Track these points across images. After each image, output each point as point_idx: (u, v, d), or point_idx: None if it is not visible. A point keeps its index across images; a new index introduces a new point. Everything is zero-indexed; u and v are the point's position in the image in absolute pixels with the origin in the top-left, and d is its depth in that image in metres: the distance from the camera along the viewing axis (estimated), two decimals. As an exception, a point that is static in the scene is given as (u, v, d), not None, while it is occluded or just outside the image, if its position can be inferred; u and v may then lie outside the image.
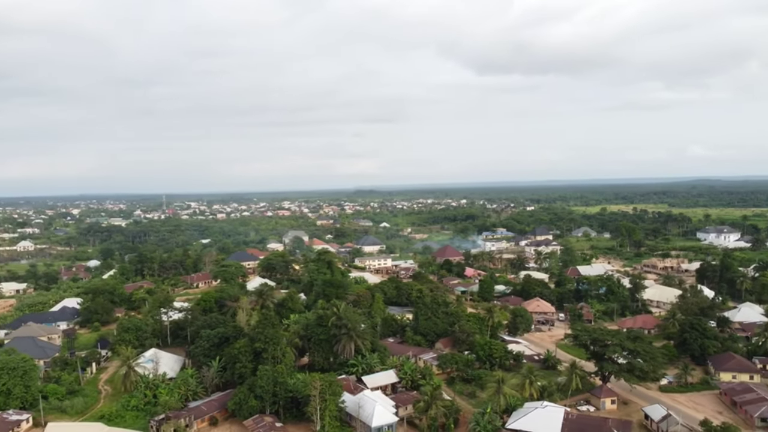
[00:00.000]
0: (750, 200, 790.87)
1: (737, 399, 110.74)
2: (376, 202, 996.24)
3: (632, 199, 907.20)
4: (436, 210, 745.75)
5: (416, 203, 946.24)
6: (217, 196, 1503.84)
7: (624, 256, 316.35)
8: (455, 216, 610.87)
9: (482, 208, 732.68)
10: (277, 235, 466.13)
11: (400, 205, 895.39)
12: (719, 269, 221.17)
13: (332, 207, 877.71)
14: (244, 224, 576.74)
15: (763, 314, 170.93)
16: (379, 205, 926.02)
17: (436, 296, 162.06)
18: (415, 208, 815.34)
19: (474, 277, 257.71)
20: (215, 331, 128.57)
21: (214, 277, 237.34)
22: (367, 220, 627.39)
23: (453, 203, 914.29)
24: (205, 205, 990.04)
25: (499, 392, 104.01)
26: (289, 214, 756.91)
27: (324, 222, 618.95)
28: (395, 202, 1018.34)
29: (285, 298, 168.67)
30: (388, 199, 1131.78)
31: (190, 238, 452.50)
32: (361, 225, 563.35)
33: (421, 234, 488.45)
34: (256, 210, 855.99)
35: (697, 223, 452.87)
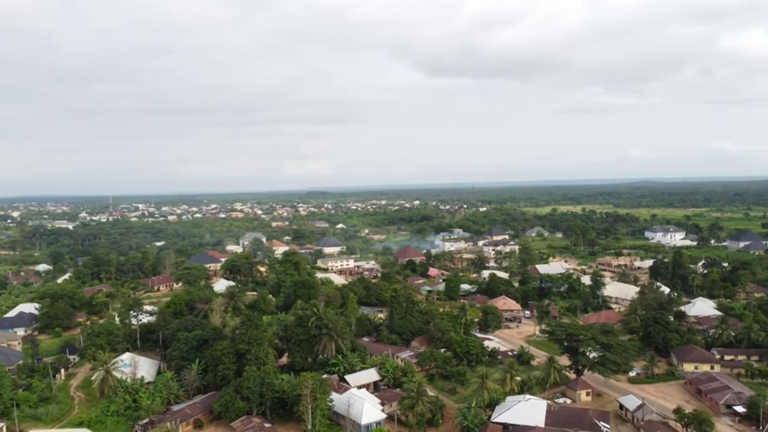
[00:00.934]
0: (689, 201, 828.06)
1: (702, 388, 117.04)
2: (329, 204, 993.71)
3: (579, 200, 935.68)
4: (390, 211, 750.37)
5: (370, 204, 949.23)
6: (166, 197, 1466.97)
7: (578, 255, 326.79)
8: (411, 217, 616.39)
9: (436, 209, 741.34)
10: (233, 237, 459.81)
11: (355, 207, 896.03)
12: (671, 266, 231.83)
13: (286, 208, 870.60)
14: (198, 226, 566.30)
15: (716, 308, 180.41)
16: (333, 206, 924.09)
17: (410, 295, 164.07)
18: (370, 210, 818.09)
19: (438, 277, 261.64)
20: (193, 333, 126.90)
21: (177, 280, 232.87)
22: (323, 221, 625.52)
23: (407, 204, 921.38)
24: (154, 207, 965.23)
25: (483, 387, 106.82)
26: (243, 216, 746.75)
27: (279, 223, 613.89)
28: (349, 203, 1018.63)
29: (257, 300, 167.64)
30: (341, 201, 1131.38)
31: (143, 241, 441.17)
32: (317, 226, 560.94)
33: (379, 235, 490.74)
34: (208, 212, 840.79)
35: (644, 223, 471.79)
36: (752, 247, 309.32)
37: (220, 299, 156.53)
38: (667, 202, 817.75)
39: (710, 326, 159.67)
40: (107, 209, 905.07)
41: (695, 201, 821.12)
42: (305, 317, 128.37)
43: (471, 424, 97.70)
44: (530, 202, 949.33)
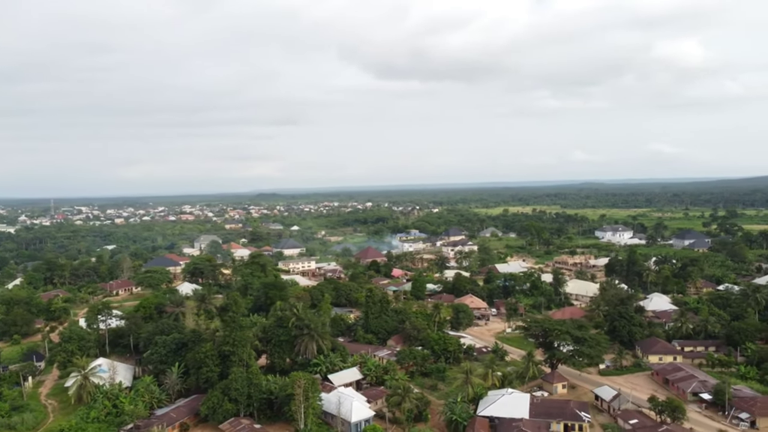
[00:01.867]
0: (631, 202, 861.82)
1: (669, 377, 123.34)
2: (281, 206, 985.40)
3: (528, 201, 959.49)
4: (344, 213, 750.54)
5: (323, 206, 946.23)
6: (110, 200, 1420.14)
7: (535, 254, 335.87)
8: (365, 219, 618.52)
9: (390, 211, 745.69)
10: (187, 240, 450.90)
11: (308, 209, 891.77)
12: (626, 264, 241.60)
13: (237, 211, 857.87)
14: (148, 229, 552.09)
15: (671, 303, 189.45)
16: (286, 208, 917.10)
17: (385, 295, 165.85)
18: (324, 212, 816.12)
19: (401, 277, 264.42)
20: (171, 336, 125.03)
21: (138, 284, 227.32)
22: (277, 223, 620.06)
23: (359, 206, 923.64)
24: (98, 210, 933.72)
25: (467, 382, 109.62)
26: (194, 219, 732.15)
27: (232, 226, 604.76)
28: (301, 205, 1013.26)
29: (228, 302, 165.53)
30: (293, 203, 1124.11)
31: (92, 245, 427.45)
32: (272, 228, 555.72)
33: (336, 236, 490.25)
34: (156, 215, 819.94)
35: (593, 223, 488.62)
36: (696, 245, 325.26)
37: (193, 302, 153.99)
38: (611, 203, 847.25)
39: (668, 320, 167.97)
40: (48, 212, 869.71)
41: (637, 202, 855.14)
42: (285, 318, 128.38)
43: (459, 418, 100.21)
44: (481, 203, 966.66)
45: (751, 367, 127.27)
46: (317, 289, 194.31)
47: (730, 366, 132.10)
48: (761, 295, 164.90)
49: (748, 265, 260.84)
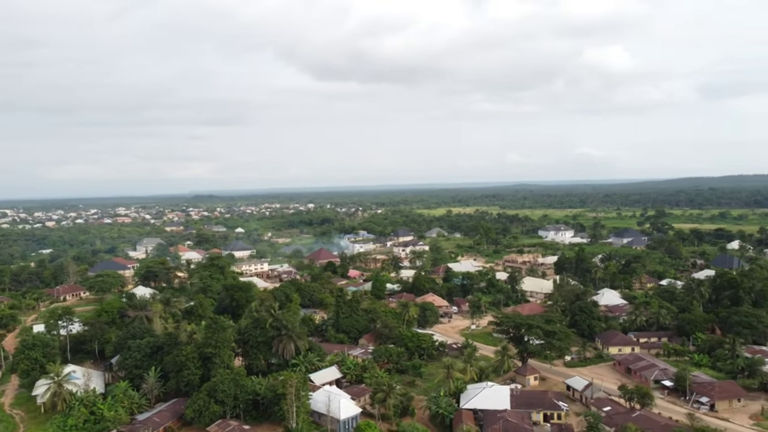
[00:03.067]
0: (566, 202, 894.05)
1: (632, 367, 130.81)
2: (221, 207, 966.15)
3: (467, 202, 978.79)
4: (288, 214, 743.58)
5: (264, 208, 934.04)
6: (36, 202, 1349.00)
7: (484, 253, 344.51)
8: (311, 220, 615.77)
9: (334, 212, 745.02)
10: (128, 243, 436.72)
11: (249, 210, 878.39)
12: (575, 261, 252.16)
13: (176, 213, 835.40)
14: (84, 232, 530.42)
15: (621, 297, 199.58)
16: (226, 210, 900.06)
17: (354, 295, 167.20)
18: (267, 213, 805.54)
19: (358, 278, 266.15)
20: (145, 340, 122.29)
21: (88, 288, 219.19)
22: (220, 225, 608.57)
23: (301, 207, 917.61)
24: (25, 213, 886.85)
25: (449, 377, 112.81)
26: (131, 221, 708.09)
27: (173, 228, 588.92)
28: (241, 206, 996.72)
29: (194, 305, 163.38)
30: (232, 204, 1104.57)
31: (25, 249, 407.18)
32: (215, 231, 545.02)
33: (283, 238, 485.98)
34: (89, 217, 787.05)
35: (535, 223, 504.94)
36: (634, 243, 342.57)
37: (160, 306, 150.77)
38: (547, 204, 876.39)
39: (620, 313, 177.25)
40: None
41: (571, 202, 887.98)
42: (262, 319, 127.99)
43: (445, 411, 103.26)
44: (422, 204, 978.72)
45: (703, 355, 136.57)
46: (280, 291, 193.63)
47: (684, 355, 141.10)
48: (704, 289, 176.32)
49: (684, 261, 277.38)
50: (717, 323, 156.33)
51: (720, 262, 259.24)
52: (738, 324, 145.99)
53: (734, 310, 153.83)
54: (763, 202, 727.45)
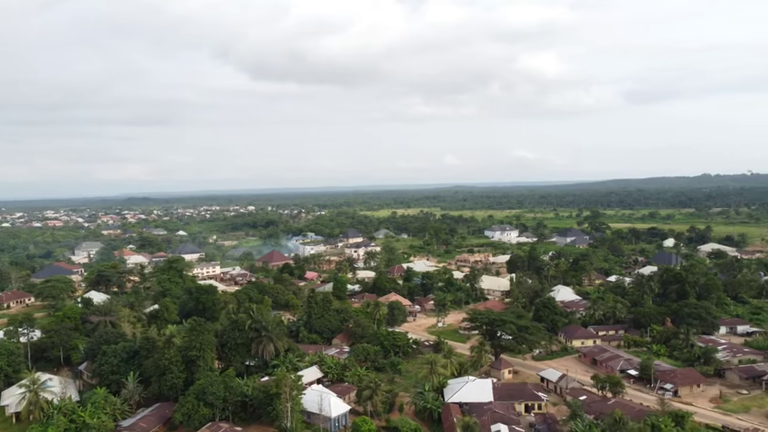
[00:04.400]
0: (505, 203, 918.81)
1: (597, 358, 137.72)
2: (158, 210, 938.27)
3: (409, 203, 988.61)
4: (230, 217, 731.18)
5: (204, 210, 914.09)
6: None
7: (435, 253, 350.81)
8: (255, 222, 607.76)
9: (278, 214, 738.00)
10: (65, 248, 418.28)
11: (188, 213, 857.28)
12: (527, 260, 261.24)
13: (111, 216, 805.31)
14: (14, 236, 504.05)
15: (575, 293, 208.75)
16: (164, 212, 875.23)
17: (326, 296, 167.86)
18: (207, 216, 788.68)
19: (315, 279, 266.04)
20: (120, 345, 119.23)
21: (36, 295, 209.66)
22: (160, 228, 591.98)
23: (242, 210, 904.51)
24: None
25: (432, 372, 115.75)
26: (62, 225, 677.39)
27: (110, 232, 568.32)
28: (179, 209, 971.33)
29: (159, 309, 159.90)
30: (168, 207, 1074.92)
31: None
32: (156, 234, 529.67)
33: (229, 241, 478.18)
34: (15, 221, 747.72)
35: (480, 223, 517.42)
36: (577, 242, 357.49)
37: (127, 310, 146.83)
38: (487, 205, 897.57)
39: (575, 308, 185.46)
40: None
41: (510, 203, 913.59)
42: (241, 321, 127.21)
43: (432, 406, 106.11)
44: (364, 205, 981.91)
45: (660, 346, 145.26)
46: (243, 293, 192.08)
47: (642, 346, 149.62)
48: (654, 284, 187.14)
49: (626, 258, 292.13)
50: (669, 315, 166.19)
51: (659, 259, 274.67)
52: (689, 315, 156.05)
53: (684, 302, 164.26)
54: (687, 203, 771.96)
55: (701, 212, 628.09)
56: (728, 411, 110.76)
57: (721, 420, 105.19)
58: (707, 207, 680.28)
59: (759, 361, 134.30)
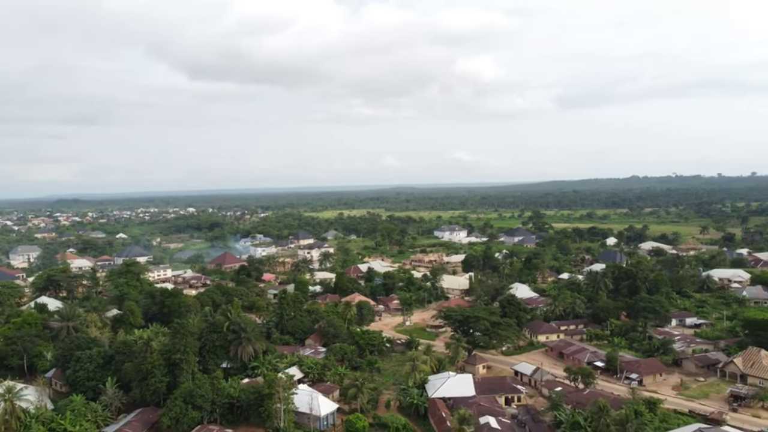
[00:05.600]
0: (447, 204, 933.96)
1: (564, 352, 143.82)
2: (93, 212, 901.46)
3: (353, 205, 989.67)
4: (171, 219, 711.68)
5: (141, 212, 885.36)
6: None
7: (388, 254, 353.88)
8: (199, 224, 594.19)
9: (222, 216, 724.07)
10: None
11: (125, 215, 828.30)
12: (482, 259, 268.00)
13: (42, 218, 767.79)
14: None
15: (532, 290, 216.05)
16: (99, 215, 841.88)
17: (297, 296, 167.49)
18: (146, 218, 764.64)
19: (273, 281, 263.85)
20: (95, 351, 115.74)
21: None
22: (98, 231, 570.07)
23: (181, 212, 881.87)
24: None
25: (414, 369, 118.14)
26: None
27: (45, 235, 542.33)
28: (114, 211, 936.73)
29: (124, 313, 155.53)
30: (102, 209, 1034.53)
31: None
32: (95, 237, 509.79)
33: (175, 243, 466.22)
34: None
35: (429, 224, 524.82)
36: (525, 241, 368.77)
37: (95, 315, 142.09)
38: (430, 206, 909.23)
39: (534, 305, 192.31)
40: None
41: (452, 204, 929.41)
42: (219, 323, 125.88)
43: (419, 401, 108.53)
44: (308, 207, 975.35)
45: (620, 338, 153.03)
46: (206, 296, 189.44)
47: (603, 339, 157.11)
48: (608, 280, 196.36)
49: (574, 257, 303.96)
50: (624, 310, 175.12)
51: (605, 257, 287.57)
52: (644, 309, 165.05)
53: (639, 297, 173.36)
54: (620, 203, 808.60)
55: (634, 212, 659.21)
56: (690, 397, 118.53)
57: (686, 406, 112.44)
58: (639, 207, 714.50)
59: (711, 350, 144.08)
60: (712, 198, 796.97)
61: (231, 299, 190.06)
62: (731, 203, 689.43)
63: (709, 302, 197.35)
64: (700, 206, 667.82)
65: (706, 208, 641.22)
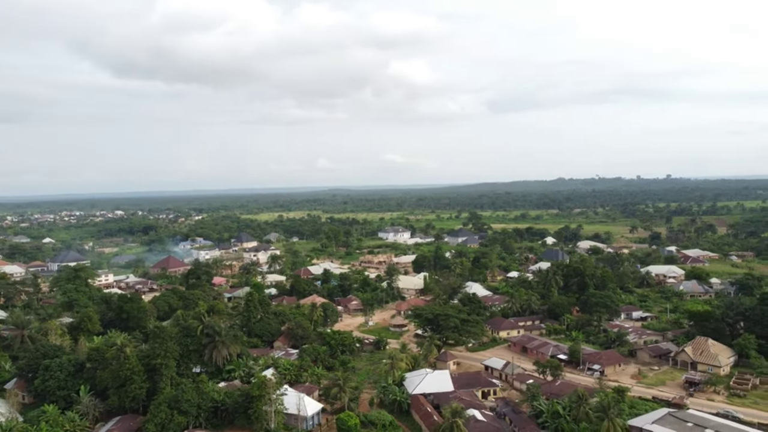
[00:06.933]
0: (385, 206, 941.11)
1: (527, 346, 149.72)
2: (12, 216, 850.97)
3: (289, 207, 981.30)
4: (101, 222, 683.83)
5: (66, 216, 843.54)
6: None
7: (336, 255, 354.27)
8: (132, 228, 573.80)
9: (156, 219, 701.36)
10: None
11: (49, 218, 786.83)
12: (433, 259, 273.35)
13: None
14: None
15: (485, 288, 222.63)
16: (19, 218, 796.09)
17: (264, 299, 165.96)
18: (73, 222, 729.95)
19: (224, 284, 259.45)
20: (65, 359, 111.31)
21: None
22: (21, 235, 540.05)
23: (109, 215, 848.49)
24: None
25: (393, 367, 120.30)
26: None
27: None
28: (34, 214, 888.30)
29: (81, 320, 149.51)
30: (21, 212, 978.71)
31: None
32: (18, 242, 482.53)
33: (109, 248, 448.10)
34: None
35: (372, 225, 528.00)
36: (468, 242, 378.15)
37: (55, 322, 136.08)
38: (367, 208, 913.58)
39: (490, 303, 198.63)
40: None
41: (389, 206, 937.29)
42: (192, 327, 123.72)
43: (401, 398, 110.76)
44: (244, 209, 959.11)
45: (578, 332, 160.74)
46: (162, 300, 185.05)
47: (561, 333, 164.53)
48: (559, 277, 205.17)
49: (519, 256, 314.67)
50: (576, 305, 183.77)
51: (548, 255, 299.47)
52: (596, 304, 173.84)
53: (591, 293, 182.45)
54: (550, 204, 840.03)
55: (564, 213, 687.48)
56: (649, 385, 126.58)
57: (648, 393, 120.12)
58: (569, 208, 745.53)
59: (660, 341, 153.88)
60: (635, 199, 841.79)
61: (188, 304, 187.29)
62: (652, 204, 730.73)
63: (651, 297, 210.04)
64: (625, 207, 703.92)
65: (631, 208, 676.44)
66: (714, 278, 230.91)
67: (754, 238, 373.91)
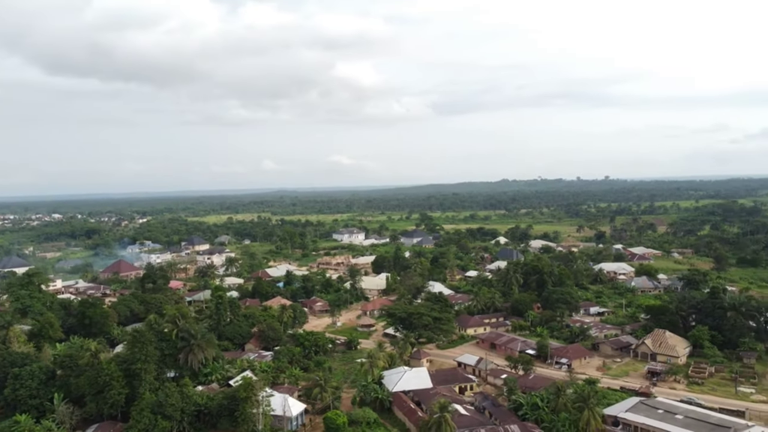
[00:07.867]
0: (334, 207, 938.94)
1: (496, 342, 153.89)
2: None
3: (236, 209, 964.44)
4: (38, 226, 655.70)
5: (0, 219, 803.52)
6: None
7: (293, 257, 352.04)
8: (73, 231, 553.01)
9: (99, 223, 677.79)
10: None
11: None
12: (392, 260, 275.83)
13: None
14: None
15: (447, 287, 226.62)
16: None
17: (234, 301, 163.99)
18: (7, 225, 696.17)
19: (182, 288, 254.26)
20: (35, 366, 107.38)
21: None
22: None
23: (46, 218, 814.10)
24: None
25: (373, 365, 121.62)
26: None
27: None
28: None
29: (42, 326, 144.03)
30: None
31: None
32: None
33: (51, 252, 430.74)
34: None
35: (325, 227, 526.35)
36: (423, 242, 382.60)
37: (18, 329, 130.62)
38: (316, 209, 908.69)
39: (453, 301, 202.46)
40: None
41: (339, 207, 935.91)
42: (168, 331, 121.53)
43: (383, 396, 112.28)
44: (189, 212, 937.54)
45: (542, 328, 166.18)
46: (122, 305, 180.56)
47: (526, 329, 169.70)
48: (519, 275, 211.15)
49: (474, 255, 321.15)
50: (537, 302, 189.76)
51: (503, 254, 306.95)
52: (557, 301, 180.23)
53: (551, 290, 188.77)
54: (497, 205, 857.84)
55: (511, 213, 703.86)
56: (615, 376, 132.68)
57: (615, 383, 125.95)
58: (515, 209, 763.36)
59: (620, 335, 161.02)
60: (577, 200, 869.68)
61: (151, 308, 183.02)
62: (594, 204, 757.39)
63: (605, 293, 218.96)
64: (568, 207, 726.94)
65: (574, 208, 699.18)
66: (661, 274, 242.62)
67: (692, 236, 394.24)
